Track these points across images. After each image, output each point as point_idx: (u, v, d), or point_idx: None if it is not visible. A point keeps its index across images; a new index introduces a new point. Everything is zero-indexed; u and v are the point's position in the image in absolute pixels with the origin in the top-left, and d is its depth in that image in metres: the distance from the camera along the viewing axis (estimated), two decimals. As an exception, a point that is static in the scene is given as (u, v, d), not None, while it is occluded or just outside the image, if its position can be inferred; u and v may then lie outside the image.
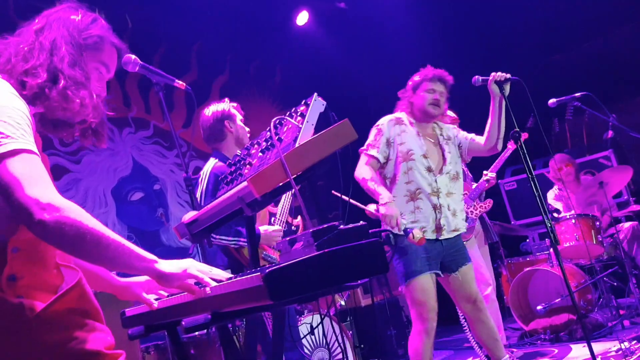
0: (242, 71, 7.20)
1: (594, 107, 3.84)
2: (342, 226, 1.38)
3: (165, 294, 1.78)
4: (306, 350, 3.87)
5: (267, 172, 1.59)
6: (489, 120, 3.42)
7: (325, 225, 1.38)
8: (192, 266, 1.49)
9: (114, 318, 3.02)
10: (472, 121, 4.21)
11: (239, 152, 2.03)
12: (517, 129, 3.09)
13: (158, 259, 1.46)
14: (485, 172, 4.60)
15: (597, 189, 5.02)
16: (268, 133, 1.84)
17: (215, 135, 3.29)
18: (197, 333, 3.53)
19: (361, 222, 1.43)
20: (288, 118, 1.78)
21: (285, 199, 3.41)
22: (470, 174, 4.88)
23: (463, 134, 3.62)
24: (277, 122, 1.82)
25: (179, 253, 5.69)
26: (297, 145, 1.62)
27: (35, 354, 1.30)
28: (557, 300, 4.62)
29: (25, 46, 1.48)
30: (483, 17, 6.83)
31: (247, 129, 3.40)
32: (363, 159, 3.36)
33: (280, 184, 1.61)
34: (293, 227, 3.48)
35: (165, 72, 2.46)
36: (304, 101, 1.77)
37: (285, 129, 1.78)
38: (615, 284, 5.34)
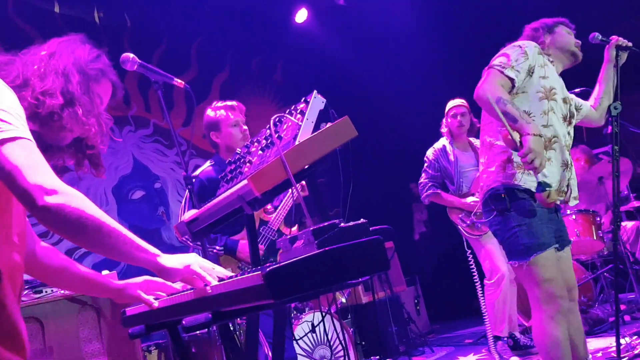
0: (242, 68, 7.20)
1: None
2: (342, 224, 1.38)
3: (164, 295, 1.78)
4: (307, 348, 3.88)
5: (267, 170, 1.58)
6: (599, 88, 3.06)
7: (326, 223, 1.38)
8: (195, 262, 1.50)
9: (115, 317, 3.02)
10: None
11: (238, 150, 2.03)
12: (619, 102, 2.82)
13: (161, 252, 1.46)
14: None
15: (596, 184, 5.00)
16: (268, 131, 1.84)
17: (210, 143, 3.31)
18: (198, 332, 3.53)
19: (362, 219, 1.43)
20: (288, 116, 1.77)
21: (282, 208, 3.32)
22: None
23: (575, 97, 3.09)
24: (276, 119, 1.81)
25: (181, 251, 5.65)
26: (297, 143, 1.62)
27: None
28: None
29: (40, 67, 1.53)
30: (483, 12, 6.82)
31: (243, 128, 3.25)
32: (495, 76, 2.64)
33: (281, 182, 1.61)
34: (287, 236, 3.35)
35: (165, 69, 2.46)
36: (303, 98, 1.77)
37: (285, 126, 1.77)
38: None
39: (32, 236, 1.68)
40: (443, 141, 4.77)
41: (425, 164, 4.77)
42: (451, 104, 4.77)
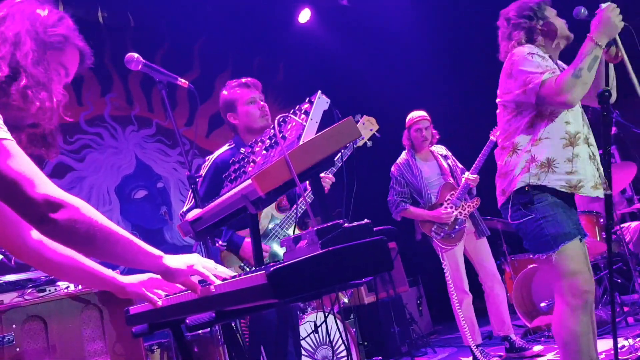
0: (245, 69, 7.20)
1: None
2: (346, 224, 1.38)
3: (163, 294, 1.77)
4: (310, 348, 3.88)
5: (271, 170, 1.58)
6: None
7: (329, 223, 1.38)
8: (198, 262, 1.50)
9: (118, 317, 3.02)
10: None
11: (242, 150, 2.03)
12: (608, 88, 2.66)
13: (164, 254, 1.46)
14: (466, 173, 4.59)
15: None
16: (272, 131, 1.84)
17: (228, 127, 3.14)
18: (200, 331, 3.53)
19: (365, 220, 1.43)
20: (292, 116, 1.77)
21: (297, 207, 3.28)
22: (460, 165, 4.83)
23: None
24: (280, 119, 1.81)
25: (183, 251, 5.68)
26: (301, 142, 1.62)
27: None
28: (561, 297, 4.60)
29: None
30: (483, 12, 6.80)
31: (260, 104, 3.05)
32: (548, 83, 2.52)
33: (285, 182, 1.61)
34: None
35: (168, 69, 2.46)
36: (307, 99, 1.77)
37: (289, 126, 1.77)
38: (619, 280, 5.33)
39: (17, 226, 1.58)
40: (404, 155, 4.82)
41: (392, 181, 4.81)
42: (414, 117, 4.80)
